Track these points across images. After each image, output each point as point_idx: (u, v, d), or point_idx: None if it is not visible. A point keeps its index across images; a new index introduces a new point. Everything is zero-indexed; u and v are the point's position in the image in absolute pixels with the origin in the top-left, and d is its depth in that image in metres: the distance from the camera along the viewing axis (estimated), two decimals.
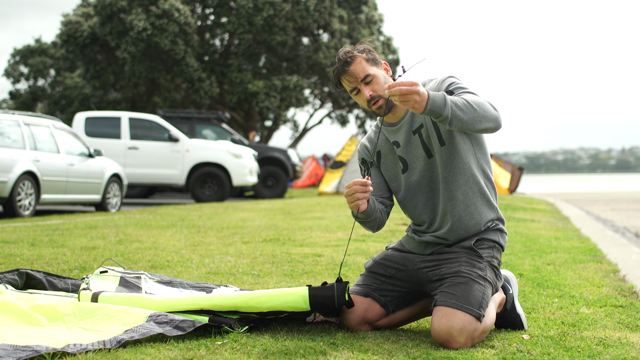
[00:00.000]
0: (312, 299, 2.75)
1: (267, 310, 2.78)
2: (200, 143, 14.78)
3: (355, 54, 2.86)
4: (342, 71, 2.86)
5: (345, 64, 2.85)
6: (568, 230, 8.24)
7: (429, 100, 2.55)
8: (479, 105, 2.64)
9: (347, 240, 4.17)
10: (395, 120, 2.94)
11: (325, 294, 2.76)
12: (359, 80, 2.84)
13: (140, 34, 23.78)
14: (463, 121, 2.60)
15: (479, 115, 2.63)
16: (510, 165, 21.33)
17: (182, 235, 6.81)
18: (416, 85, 2.53)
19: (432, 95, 2.55)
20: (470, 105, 2.62)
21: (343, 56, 2.87)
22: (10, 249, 5.48)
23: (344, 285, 2.79)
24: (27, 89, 38.29)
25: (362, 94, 2.85)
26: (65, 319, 2.78)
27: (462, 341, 2.61)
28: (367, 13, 28.08)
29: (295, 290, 2.79)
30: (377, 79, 2.85)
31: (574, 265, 4.97)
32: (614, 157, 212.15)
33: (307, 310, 2.77)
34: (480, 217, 2.88)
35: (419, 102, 2.53)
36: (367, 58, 2.86)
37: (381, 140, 3.00)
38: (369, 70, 2.84)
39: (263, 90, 25.39)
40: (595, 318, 3.18)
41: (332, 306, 2.76)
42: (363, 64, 2.84)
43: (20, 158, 9.57)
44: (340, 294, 2.77)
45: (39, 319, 2.78)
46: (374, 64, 2.87)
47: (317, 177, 26.50)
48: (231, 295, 2.84)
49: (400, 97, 2.53)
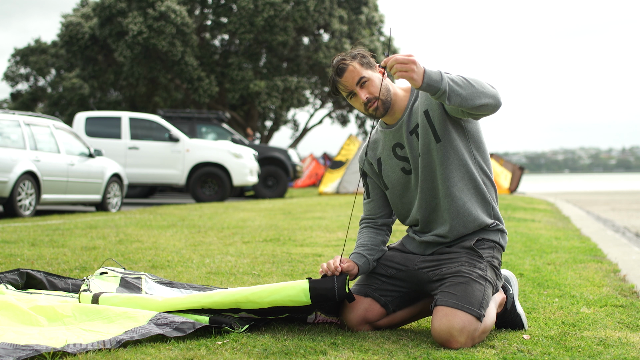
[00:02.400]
0: (313, 291, 2.75)
1: (267, 305, 2.77)
2: (200, 143, 14.79)
3: (347, 61, 2.86)
4: (336, 78, 2.87)
5: (339, 70, 2.86)
6: (568, 230, 8.24)
7: (425, 74, 2.56)
8: (476, 81, 2.65)
9: (344, 241, 4.15)
10: (393, 121, 2.94)
11: (326, 286, 2.76)
12: (354, 84, 2.85)
13: (136, 38, 23.79)
14: (462, 96, 2.60)
15: (477, 91, 2.62)
16: (511, 165, 21.34)
17: (183, 235, 6.81)
18: (412, 56, 2.54)
19: (427, 69, 2.57)
20: (467, 80, 2.62)
21: (336, 63, 2.88)
22: (10, 249, 5.48)
23: (343, 277, 2.80)
24: (27, 89, 38.30)
25: (358, 97, 2.86)
26: (65, 320, 2.78)
27: (462, 341, 2.61)
28: (367, 14, 28.09)
29: (296, 283, 2.79)
30: (372, 81, 2.85)
31: (575, 265, 4.97)
32: (615, 157, 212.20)
33: (308, 304, 2.76)
34: (477, 213, 2.87)
35: (417, 73, 2.54)
36: (362, 62, 2.87)
37: (381, 147, 3.01)
38: (363, 73, 2.84)
39: (265, 91, 25.40)
40: (595, 318, 3.18)
41: (333, 298, 2.75)
42: (357, 69, 2.85)
43: (20, 158, 9.57)
44: (341, 285, 2.77)
45: (38, 320, 2.78)
46: (368, 67, 2.87)
47: (318, 176, 26.51)
48: (231, 291, 2.84)
49: (398, 66, 2.54)
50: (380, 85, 2.84)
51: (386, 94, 2.87)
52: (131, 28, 23.80)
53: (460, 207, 2.86)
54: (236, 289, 2.86)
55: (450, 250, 2.89)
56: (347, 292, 2.78)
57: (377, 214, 3.08)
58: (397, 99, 2.91)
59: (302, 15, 25.22)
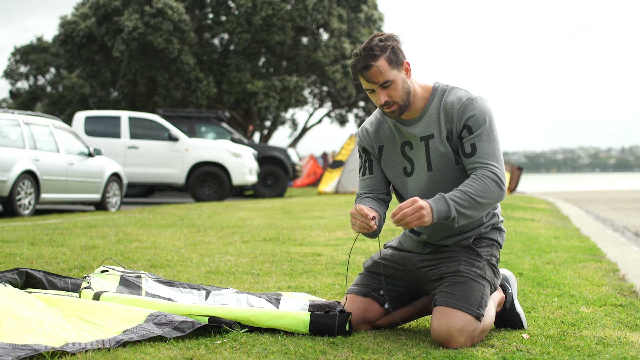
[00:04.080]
0: (313, 325, 2.75)
1: (265, 327, 2.79)
2: (200, 142, 14.79)
3: (376, 55, 2.71)
4: (361, 70, 2.74)
5: (366, 66, 2.71)
6: (568, 229, 8.24)
7: (434, 212, 2.61)
8: (483, 192, 2.66)
9: (349, 245, 4.15)
10: (407, 118, 2.86)
11: (327, 322, 2.76)
12: (377, 84, 2.73)
13: (132, 34, 23.77)
14: (468, 216, 2.68)
15: (482, 206, 2.69)
16: (510, 165, 21.51)
17: (182, 235, 6.80)
18: (416, 201, 2.58)
19: (434, 207, 2.61)
20: (472, 199, 2.65)
21: (365, 54, 2.72)
22: (10, 248, 5.48)
23: (346, 316, 2.79)
24: (27, 88, 38.27)
25: (377, 95, 2.76)
26: (63, 305, 2.80)
27: (462, 341, 2.61)
28: (366, 12, 28.07)
29: (297, 314, 2.79)
30: (396, 85, 2.74)
31: (574, 265, 4.97)
32: (614, 157, 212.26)
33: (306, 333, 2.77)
34: (476, 222, 2.87)
35: (427, 215, 2.60)
36: (390, 59, 2.72)
37: (386, 135, 2.93)
38: (388, 76, 2.71)
39: (262, 91, 25.38)
40: (594, 317, 3.18)
41: (331, 334, 2.76)
42: (384, 67, 2.71)
43: (20, 157, 9.57)
44: (342, 324, 2.77)
45: (37, 302, 2.81)
46: (395, 65, 2.73)
47: (316, 175, 26.51)
48: (232, 309, 2.83)
49: (409, 219, 2.58)
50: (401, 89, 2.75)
51: (406, 98, 2.77)
52: (126, 25, 23.79)
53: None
54: (237, 308, 2.85)
55: (448, 249, 2.88)
56: (346, 330, 2.78)
57: (378, 189, 2.97)
58: (416, 99, 2.82)
59: (301, 14, 25.20)
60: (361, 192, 2.98)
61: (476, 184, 2.66)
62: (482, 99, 2.78)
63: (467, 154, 2.74)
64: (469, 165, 2.74)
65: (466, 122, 2.73)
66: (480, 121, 2.73)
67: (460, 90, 2.81)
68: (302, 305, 3.07)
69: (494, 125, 2.75)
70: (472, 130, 2.72)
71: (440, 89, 2.84)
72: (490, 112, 2.77)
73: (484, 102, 2.77)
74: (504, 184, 2.70)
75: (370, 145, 2.97)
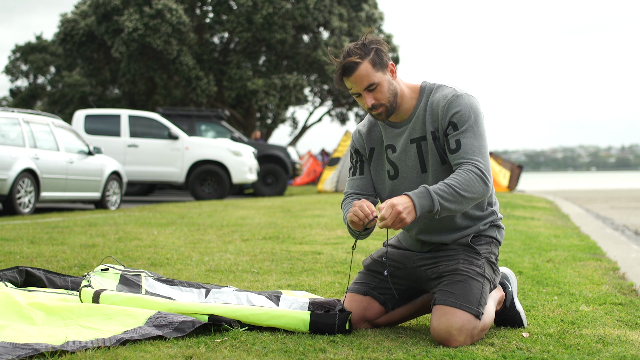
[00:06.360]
0: (313, 324, 2.75)
1: (265, 326, 2.79)
2: (199, 141, 14.79)
3: (357, 60, 2.70)
4: (345, 74, 2.73)
5: (347, 69, 2.71)
6: (567, 228, 8.24)
7: (417, 207, 2.59)
8: (467, 186, 2.63)
9: (349, 243, 4.16)
10: (396, 120, 2.87)
11: (327, 321, 2.76)
12: (362, 88, 2.73)
13: (131, 35, 23.75)
14: (451, 210, 2.65)
15: (466, 200, 2.65)
16: (510, 164, 21.45)
17: (182, 233, 6.80)
18: (395, 206, 2.55)
19: (418, 203, 2.59)
20: (457, 193, 2.62)
21: (347, 59, 2.71)
22: (9, 247, 5.48)
23: (346, 315, 2.79)
24: (27, 86, 38.25)
25: (364, 99, 2.76)
26: (63, 314, 2.78)
27: (461, 340, 2.61)
28: (367, 11, 28.06)
29: (297, 313, 2.79)
30: (381, 87, 2.73)
31: (574, 263, 4.97)
32: (614, 155, 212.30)
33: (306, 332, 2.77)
34: (472, 218, 2.86)
35: (409, 214, 2.58)
36: (374, 62, 2.72)
37: (377, 137, 2.94)
38: (373, 79, 2.71)
39: (262, 89, 25.37)
40: (594, 316, 3.18)
41: (331, 333, 2.76)
42: (368, 70, 2.71)
43: (19, 156, 9.57)
44: (342, 323, 2.77)
45: (36, 314, 2.79)
46: (380, 68, 2.73)
47: (316, 173, 26.50)
48: (232, 308, 2.84)
49: (394, 225, 2.57)
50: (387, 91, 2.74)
51: (392, 99, 2.77)
52: (127, 25, 23.77)
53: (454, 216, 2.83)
54: (237, 307, 2.85)
55: (447, 247, 2.88)
56: (346, 329, 2.78)
57: (367, 191, 2.97)
58: (404, 100, 2.82)
59: (301, 13, 25.19)
60: (350, 191, 2.99)
61: (461, 177, 2.64)
62: (469, 95, 2.77)
63: (452, 150, 2.73)
64: (454, 161, 2.73)
65: (451, 118, 2.73)
66: (465, 117, 2.71)
67: (447, 88, 2.80)
68: (302, 303, 3.08)
69: (479, 122, 2.73)
70: (457, 126, 2.72)
71: (427, 88, 2.84)
72: (477, 109, 2.74)
73: (470, 98, 2.75)
74: (489, 180, 2.69)
75: (362, 147, 2.97)
